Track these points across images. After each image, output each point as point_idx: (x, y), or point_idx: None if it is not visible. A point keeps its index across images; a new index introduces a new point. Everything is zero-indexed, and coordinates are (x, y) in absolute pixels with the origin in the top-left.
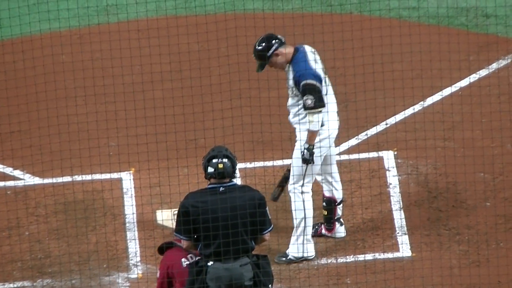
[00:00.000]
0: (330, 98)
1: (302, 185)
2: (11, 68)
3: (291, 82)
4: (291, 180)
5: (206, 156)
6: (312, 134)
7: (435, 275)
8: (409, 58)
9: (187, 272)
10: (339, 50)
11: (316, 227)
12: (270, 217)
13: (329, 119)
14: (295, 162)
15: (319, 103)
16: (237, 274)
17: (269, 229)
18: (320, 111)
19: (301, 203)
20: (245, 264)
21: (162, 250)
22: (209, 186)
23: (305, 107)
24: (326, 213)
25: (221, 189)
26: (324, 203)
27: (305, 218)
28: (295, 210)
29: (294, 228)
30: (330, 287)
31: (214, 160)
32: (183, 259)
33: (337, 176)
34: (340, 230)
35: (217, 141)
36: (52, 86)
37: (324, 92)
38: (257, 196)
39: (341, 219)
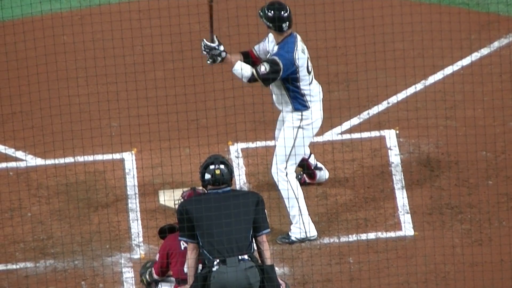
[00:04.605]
0: (314, 86)
1: (286, 168)
2: (12, 49)
3: (267, 56)
4: (274, 161)
5: (203, 164)
6: (230, 65)
7: (437, 254)
8: (410, 37)
9: (185, 253)
10: (341, 30)
11: (299, 176)
12: (268, 220)
13: (312, 108)
14: (280, 142)
15: (266, 78)
16: (242, 277)
17: (266, 231)
18: (256, 80)
19: (290, 186)
20: (250, 267)
21: (164, 231)
22: (208, 191)
23: (256, 69)
24: (302, 169)
25: (220, 191)
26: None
27: (297, 198)
28: (287, 196)
29: (290, 211)
30: (332, 267)
31: (211, 167)
32: (181, 243)
33: None
34: (322, 175)
35: (219, 121)
36: (54, 67)
37: (307, 81)
38: (256, 197)
39: (318, 165)
